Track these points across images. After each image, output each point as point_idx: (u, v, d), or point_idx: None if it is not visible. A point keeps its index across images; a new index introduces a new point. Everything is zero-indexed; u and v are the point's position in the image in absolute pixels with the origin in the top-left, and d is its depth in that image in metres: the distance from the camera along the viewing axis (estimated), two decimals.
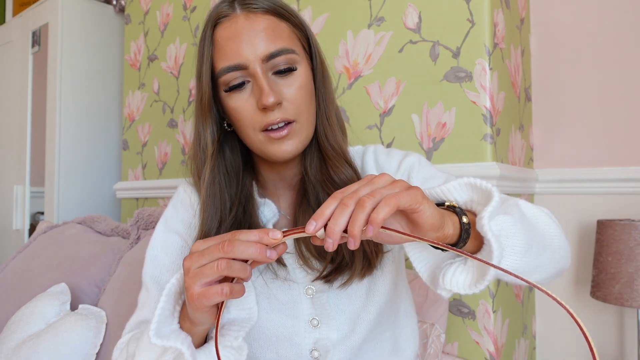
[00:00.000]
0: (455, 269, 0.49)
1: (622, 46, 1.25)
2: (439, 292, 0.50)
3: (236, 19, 0.64)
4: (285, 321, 0.67)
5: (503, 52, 1.15)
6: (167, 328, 0.53)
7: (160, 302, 0.52)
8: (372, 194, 0.44)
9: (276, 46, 0.63)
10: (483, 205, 0.49)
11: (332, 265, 0.66)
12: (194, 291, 0.47)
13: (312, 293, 0.67)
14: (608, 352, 1.24)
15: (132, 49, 2.03)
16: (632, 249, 1.03)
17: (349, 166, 0.70)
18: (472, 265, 0.49)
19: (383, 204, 0.42)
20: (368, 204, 0.43)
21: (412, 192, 0.44)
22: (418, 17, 1.17)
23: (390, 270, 0.70)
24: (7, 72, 2.41)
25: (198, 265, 0.48)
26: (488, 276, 0.46)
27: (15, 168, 2.29)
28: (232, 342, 0.56)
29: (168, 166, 1.84)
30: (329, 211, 0.45)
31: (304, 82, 0.65)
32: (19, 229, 2.24)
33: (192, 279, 0.47)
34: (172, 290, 0.54)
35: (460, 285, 0.48)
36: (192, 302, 0.48)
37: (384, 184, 0.46)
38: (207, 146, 0.67)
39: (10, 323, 1.17)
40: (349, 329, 0.67)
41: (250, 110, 0.64)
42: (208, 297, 0.47)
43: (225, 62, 0.63)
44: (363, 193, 0.44)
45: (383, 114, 1.22)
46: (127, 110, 2.04)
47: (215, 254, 0.47)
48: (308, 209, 0.69)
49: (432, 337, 0.98)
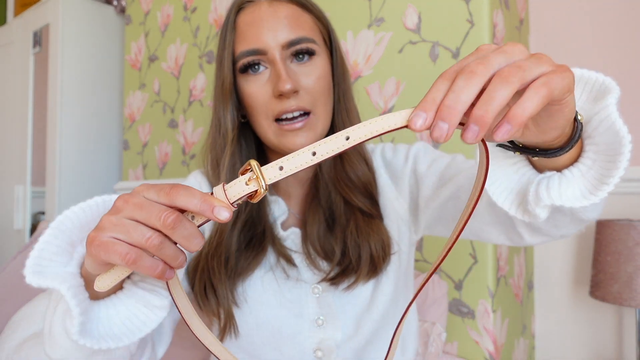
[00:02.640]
0: (559, 179, 0.41)
1: (622, 46, 1.25)
2: (537, 211, 0.42)
3: (260, 5, 0.64)
4: (290, 319, 0.66)
5: None
6: (57, 268, 0.42)
7: (46, 233, 0.42)
8: (518, 66, 0.30)
9: (297, 34, 0.62)
10: (593, 100, 0.41)
11: (338, 267, 0.65)
12: (100, 236, 0.36)
13: (319, 292, 0.67)
14: (607, 351, 1.24)
15: (132, 50, 2.03)
16: (631, 248, 1.03)
17: (365, 162, 0.69)
18: (591, 169, 0.40)
19: (532, 93, 0.30)
20: (514, 79, 0.30)
21: (566, 74, 0.31)
22: (418, 18, 1.17)
23: (395, 272, 0.70)
24: (8, 73, 2.41)
25: (129, 215, 0.36)
26: (613, 179, 0.38)
27: (17, 168, 2.30)
28: (153, 300, 0.45)
29: (168, 166, 1.84)
30: (440, 95, 0.31)
31: (322, 73, 0.64)
32: (20, 228, 2.24)
33: (112, 225, 0.37)
34: (68, 225, 0.43)
35: (572, 197, 0.40)
36: (90, 245, 0.37)
37: (520, 56, 0.32)
38: (228, 132, 0.66)
39: (11, 322, 1.17)
40: (354, 330, 0.67)
41: (265, 97, 0.62)
42: (107, 250, 0.36)
43: (245, 46, 0.62)
44: (496, 62, 0.31)
45: (383, 114, 1.23)
46: (127, 111, 2.05)
47: (154, 218, 0.35)
48: (318, 208, 0.69)
49: (433, 335, 0.99)
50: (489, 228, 0.60)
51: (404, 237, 0.72)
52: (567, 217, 0.48)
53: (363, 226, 0.66)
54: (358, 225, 0.66)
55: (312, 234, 0.67)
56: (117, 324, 0.43)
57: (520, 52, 0.32)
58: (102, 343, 0.41)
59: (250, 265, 0.66)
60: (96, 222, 0.44)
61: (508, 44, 0.33)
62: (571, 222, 0.49)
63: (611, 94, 0.39)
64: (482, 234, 0.62)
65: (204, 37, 1.69)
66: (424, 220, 0.71)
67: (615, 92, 0.39)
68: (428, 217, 0.70)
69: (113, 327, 0.43)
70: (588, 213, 0.46)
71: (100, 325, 0.43)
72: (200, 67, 1.71)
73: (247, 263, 0.66)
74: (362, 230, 0.66)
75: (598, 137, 0.40)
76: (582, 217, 0.47)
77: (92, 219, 0.44)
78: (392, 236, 0.69)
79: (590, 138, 0.41)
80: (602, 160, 0.40)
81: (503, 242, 0.60)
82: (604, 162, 0.40)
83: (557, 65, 0.32)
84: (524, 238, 0.56)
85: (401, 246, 0.71)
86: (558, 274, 1.33)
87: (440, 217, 0.68)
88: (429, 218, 0.70)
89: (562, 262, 1.33)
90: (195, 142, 1.73)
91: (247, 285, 0.66)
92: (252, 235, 0.67)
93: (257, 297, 0.66)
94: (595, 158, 0.40)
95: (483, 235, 0.62)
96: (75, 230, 0.44)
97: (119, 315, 0.44)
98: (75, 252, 0.44)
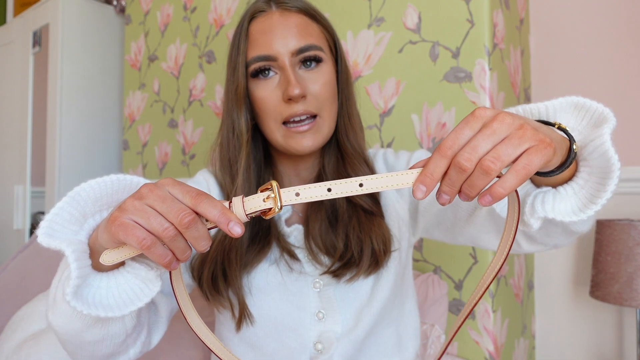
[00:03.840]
0: (554, 195, 0.47)
1: (622, 46, 1.25)
2: (531, 221, 0.48)
3: (271, 14, 0.68)
4: (292, 311, 0.68)
5: (503, 52, 1.16)
6: (67, 234, 0.45)
7: (62, 201, 0.46)
8: (497, 157, 0.37)
9: (306, 42, 0.67)
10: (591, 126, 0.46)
11: (340, 261, 0.67)
12: (123, 217, 0.40)
13: (320, 286, 0.69)
14: (607, 351, 1.24)
15: (132, 49, 2.03)
16: (631, 248, 1.03)
17: (366, 165, 0.72)
18: (583, 188, 0.46)
19: (512, 176, 0.37)
20: (493, 172, 0.37)
21: (544, 148, 0.37)
22: (418, 18, 1.17)
23: (395, 268, 0.72)
24: (8, 73, 2.41)
25: (151, 204, 0.40)
26: (601, 200, 0.43)
27: (16, 168, 2.30)
28: (145, 273, 0.47)
29: (168, 166, 1.84)
30: (439, 172, 0.38)
31: (328, 80, 0.68)
32: (20, 228, 2.24)
33: (135, 210, 0.40)
34: (83, 195, 0.46)
35: (563, 211, 0.46)
36: (111, 224, 0.40)
37: (506, 132, 0.37)
38: (242, 134, 0.69)
39: (11, 322, 1.17)
40: (353, 323, 0.69)
41: (275, 101, 0.66)
42: (127, 233, 0.39)
43: (256, 52, 0.67)
44: (483, 150, 0.37)
45: (383, 114, 1.23)
46: (127, 111, 2.05)
47: (173, 214, 0.39)
48: (320, 207, 0.71)
49: (432, 337, 0.99)
50: (487, 236, 0.66)
51: (404, 237, 0.75)
52: (558, 229, 0.54)
53: (365, 222, 0.69)
54: (360, 221, 0.69)
55: (314, 231, 0.70)
56: (113, 295, 0.46)
57: (508, 126, 0.38)
58: (92, 309, 0.44)
59: (256, 258, 0.69)
60: (109, 198, 0.48)
61: (498, 117, 0.38)
62: (562, 233, 0.55)
63: (607, 123, 0.44)
64: (480, 242, 0.68)
65: (203, 36, 1.69)
66: (422, 224, 0.75)
67: (611, 123, 0.44)
68: (426, 222, 0.74)
69: (109, 298, 0.46)
70: (578, 226, 0.52)
71: (96, 295, 0.45)
72: (200, 67, 1.71)
73: (253, 256, 0.69)
74: (364, 225, 0.69)
75: (592, 160, 0.45)
76: (572, 229, 0.53)
77: (105, 194, 0.48)
78: (394, 234, 0.72)
79: (585, 161, 0.46)
80: (594, 181, 0.45)
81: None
82: (595, 183, 0.45)
83: (540, 139, 0.37)
84: (521, 246, 0.62)
85: (402, 245, 0.74)
86: (558, 274, 1.33)
87: (439, 222, 0.72)
88: (427, 223, 0.74)
89: (562, 262, 1.33)
90: (195, 142, 1.72)
91: (252, 278, 0.69)
92: (258, 230, 0.71)
93: (261, 289, 0.69)
94: (587, 179, 0.46)
95: (481, 243, 0.68)
96: (89, 202, 0.47)
97: (118, 287, 0.46)
98: (86, 223, 0.47)
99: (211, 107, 1.66)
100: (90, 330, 0.49)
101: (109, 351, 0.53)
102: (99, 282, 0.46)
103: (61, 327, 0.48)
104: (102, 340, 0.51)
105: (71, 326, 0.48)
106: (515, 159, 0.37)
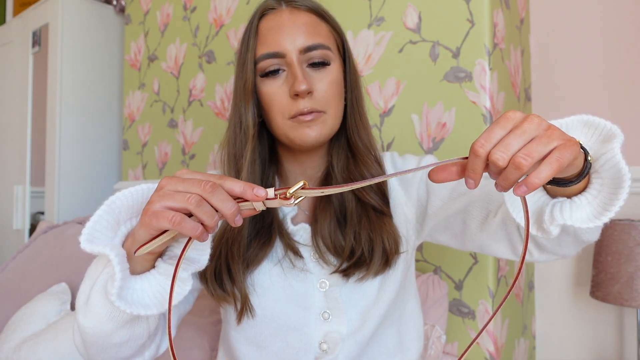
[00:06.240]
0: (570, 204, 0.49)
1: (622, 46, 1.25)
2: (551, 228, 0.50)
3: (281, 12, 0.69)
4: (297, 311, 0.69)
5: (503, 52, 1.16)
6: (105, 240, 0.49)
7: (101, 209, 0.50)
8: (528, 154, 0.40)
9: (314, 40, 0.67)
10: (600, 142, 0.50)
11: (349, 260, 0.68)
12: (152, 207, 0.45)
13: (325, 287, 0.69)
14: (608, 351, 1.24)
15: (132, 49, 2.03)
16: (632, 249, 1.03)
17: (378, 164, 0.73)
18: (596, 198, 0.49)
19: (546, 167, 0.40)
20: (525, 167, 0.39)
21: (572, 146, 0.41)
22: (418, 17, 1.17)
23: (401, 268, 0.72)
24: (7, 72, 2.41)
25: (173, 188, 0.45)
26: (614, 207, 0.46)
27: (16, 168, 2.29)
28: (180, 274, 0.51)
29: (168, 166, 1.84)
30: (480, 169, 0.42)
31: (335, 79, 0.69)
32: (19, 229, 2.24)
33: (159, 197, 0.45)
34: (118, 204, 0.50)
35: (580, 219, 0.49)
36: (144, 216, 0.45)
37: (536, 132, 0.41)
38: (249, 128, 0.69)
39: (10, 323, 1.17)
40: (359, 324, 0.69)
41: (282, 97, 0.67)
42: (158, 218, 0.44)
43: (265, 49, 0.67)
44: (515, 147, 0.40)
45: (383, 114, 1.22)
46: (127, 110, 2.05)
47: (195, 187, 0.44)
48: (329, 205, 0.71)
49: (433, 338, 0.98)
50: (498, 245, 0.67)
51: (410, 239, 0.75)
52: (570, 238, 0.57)
53: (376, 221, 0.69)
54: (371, 220, 0.69)
55: (323, 229, 0.70)
56: (148, 295, 0.51)
57: (537, 126, 0.41)
58: (134, 308, 0.49)
59: (258, 256, 0.69)
60: (139, 206, 0.52)
61: (528, 119, 0.41)
62: (573, 242, 0.59)
63: (617, 138, 0.48)
64: (489, 249, 0.69)
65: (203, 36, 1.69)
66: (429, 228, 0.75)
67: (620, 138, 0.48)
68: (434, 226, 0.75)
69: (145, 298, 0.50)
70: (589, 235, 0.56)
71: (134, 295, 0.50)
72: (200, 66, 1.70)
73: (255, 254, 0.69)
74: (375, 225, 0.69)
75: (604, 172, 0.48)
76: (583, 238, 0.57)
77: (136, 203, 0.51)
78: (402, 235, 0.73)
79: (597, 173, 0.49)
80: (606, 192, 0.48)
81: (509, 256, 0.67)
82: (608, 193, 0.48)
83: (567, 138, 0.41)
84: (533, 254, 0.64)
85: (408, 246, 0.74)
86: (558, 274, 1.33)
87: (447, 227, 0.73)
88: (434, 227, 0.75)
89: (562, 263, 1.32)
90: (195, 142, 1.72)
91: (255, 277, 0.69)
92: (260, 227, 0.71)
93: (266, 288, 0.69)
94: (600, 189, 0.49)
95: (490, 250, 0.69)
96: (123, 210, 0.51)
97: (151, 288, 0.51)
98: (120, 230, 0.51)
99: (211, 107, 1.66)
100: (119, 331, 0.53)
101: (131, 352, 0.57)
102: (133, 284, 0.50)
103: (92, 329, 0.52)
104: (127, 341, 0.55)
105: (102, 328, 0.52)
106: (544, 156, 0.40)
